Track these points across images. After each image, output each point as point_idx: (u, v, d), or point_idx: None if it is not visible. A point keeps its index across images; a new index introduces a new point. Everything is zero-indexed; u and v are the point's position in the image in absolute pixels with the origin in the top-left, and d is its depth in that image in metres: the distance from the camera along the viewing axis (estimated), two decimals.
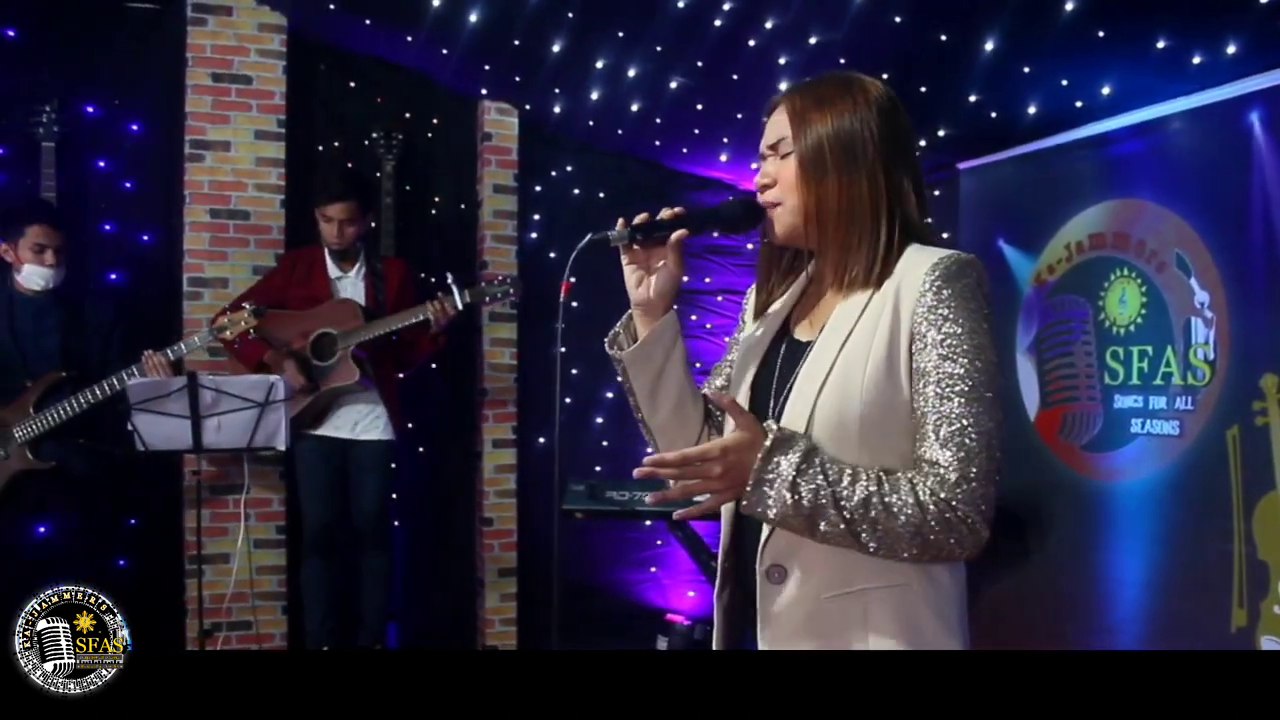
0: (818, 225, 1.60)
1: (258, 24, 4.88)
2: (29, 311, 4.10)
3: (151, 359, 4.03)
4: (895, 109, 1.63)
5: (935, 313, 1.49)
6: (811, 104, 1.61)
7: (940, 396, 1.48)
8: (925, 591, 1.55)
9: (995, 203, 4.79)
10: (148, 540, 4.78)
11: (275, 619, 4.80)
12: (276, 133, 4.91)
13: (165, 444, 3.92)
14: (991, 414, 1.48)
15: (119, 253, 4.84)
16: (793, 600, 1.57)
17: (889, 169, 1.58)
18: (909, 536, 1.46)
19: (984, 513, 1.47)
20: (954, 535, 1.46)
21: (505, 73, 4.94)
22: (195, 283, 4.78)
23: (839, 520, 1.46)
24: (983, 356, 1.49)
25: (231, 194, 4.84)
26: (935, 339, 1.49)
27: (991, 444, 1.48)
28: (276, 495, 4.81)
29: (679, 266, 1.69)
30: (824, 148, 1.58)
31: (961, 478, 1.45)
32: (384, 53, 5.10)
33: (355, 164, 5.07)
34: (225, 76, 4.83)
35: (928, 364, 1.49)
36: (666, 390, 1.72)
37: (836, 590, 1.55)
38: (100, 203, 4.82)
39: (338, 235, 4.43)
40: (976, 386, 1.48)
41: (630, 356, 1.70)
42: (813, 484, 1.46)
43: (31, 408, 3.99)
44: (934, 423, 1.48)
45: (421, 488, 5.27)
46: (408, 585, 5.23)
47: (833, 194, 1.58)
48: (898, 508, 1.45)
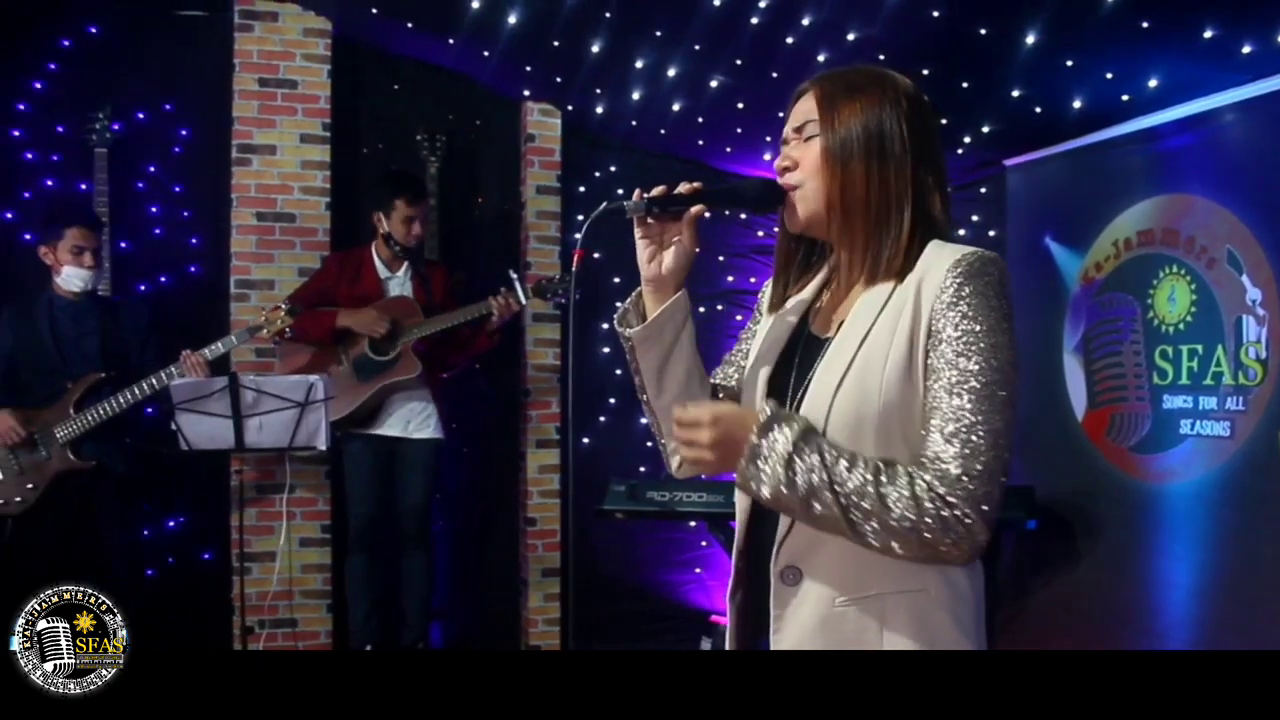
0: (841, 213, 1.56)
1: (303, 29, 4.94)
2: (69, 314, 4.19)
3: (190, 358, 4.09)
4: (924, 106, 1.59)
5: (954, 309, 1.45)
6: (842, 90, 1.57)
7: (950, 392, 1.44)
8: (943, 597, 1.51)
9: (1042, 199, 4.70)
10: (196, 538, 4.86)
11: (320, 616, 4.85)
12: (321, 136, 4.97)
13: (208, 443, 3.98)
14: (1002, 414, 1.43)
15: (169, 256, 4.94)
16: (806, 604, 1.54)
17: (915, 164, 1.55)
18: (903, 531, 1.41)
19: (984, 514, 1.42)
20: (950, 534, 1.41)
21: (546, 74, 4.95)
22: (242, 284, 4.85)
23: (833, 503, 1.42)
24: (998, 355, 1.44)
25: (277, 197, 4.91)
26: (951, 335, 1.45)
27: (999, 444, 1.43)
28: (321, 494, 4.86)
29: (693, 243, 1.65)
30: (852, 135, 1.54)
31: (963, 474, 1.40)
32: (427, 56, 5.13)
33: (399, 166, 5.11)
34: (271, 81, 4.90)
35: (941, 360, 1.46)
36: (674, 371, 1.68)
37: (851, 595, 1.52)
38: (151, 207, 4.91)
39: (408, 233, 4.51)
40: (989, 384, 1.43)
41: (639, 335, 1.67)
42: (808, 461, 1.43)
43: (72, 408, 4.07)
44: (941, 418, 1.44)
45: (466, 487, 5.30)
46: (452, 584, 5.26)
47: (857, 182, 1.54)
48: (893, 499, 1.41)
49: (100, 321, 4.23)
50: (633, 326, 1.69)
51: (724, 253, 5.66)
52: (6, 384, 4.17)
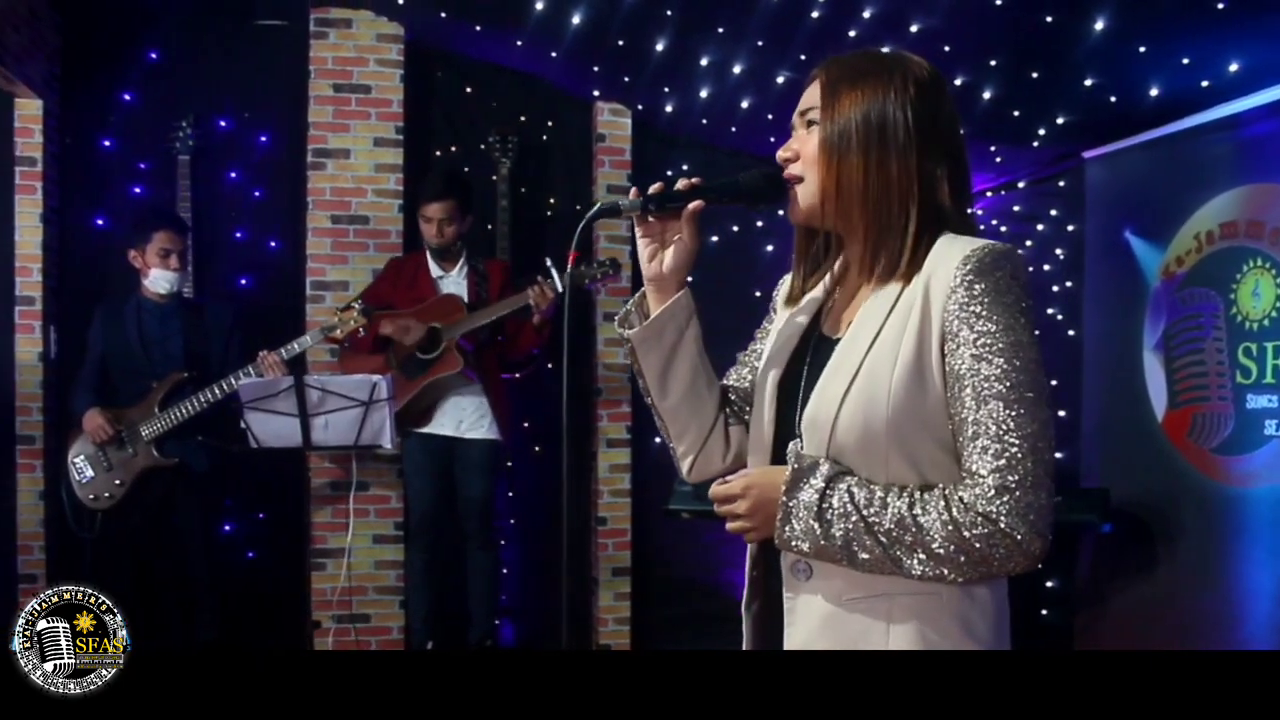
0: (836, 207, 1.50)
1: (376, 35, 5.03)
2: (155, 316, 4.34)
3: (267, 358, 4.19)
4: (936, 91, 1.51)
5: (967, 310, 1.39)
6: (845, 76, 1.51)
7: (977, 401, 1.37)
8: (955, 601, 1.44)
9: (1121, 192, 4.54)
10: (276, 534, 4.99)
11: (393, 612, 4.93)
12: (394, 139, 5.06)
13: (276, 441, 4.08)
14: (1034, 416, 1.37)
15: (249, 258, 5.09)
16: (816, 599, 1.50)
17: (921, 154, 1.47)
18: (951, 556, 1.37)
19: (1033, 523, 1.36)
20: (999, 550, 1.36)
21: (614, 73, 4.96)
22: (317, 286, 4.96)
23: (875, 546, 1.40)
24: (1020, 355, 1.37)
25: (351, 200, 5.01)
26: (968, 338, 1.39)
27: (1038, 448, 1.37)
28: (394, 492, 4.94)
29: (694, 240, 1.61)
30: (851, 124, 1.48)
31: (1002, 488, 1.35)
32: (498, 58, 5.18)
33: (470, 167, 5.17)
34: (345, 86, 5.00)
35: (962, 367, 1.39)
36: (678, 373, 1.65)
37: (860, 593, 1.47)
38: (232, 211, 5.06)
39: (437, 234, 4.53)
40: (1015, 387, 1.36)
41: (639, 336, 1.64)
42: (840, 509, 1.41)
43: (156, 407, 4.22)
44: (971, 431, 1.38)
45: (537, 486, 5.33)
46: (523, 583, 5.30)
47: (855, 174, 1.48)
48: (933, 526, 1.37)
49: (184, 323, 4.38)
50: (634, 327, 1.66)
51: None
52: (99, 384, 4.34)
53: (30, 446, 4.68)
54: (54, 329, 4.75)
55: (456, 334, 4.40)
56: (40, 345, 4.71)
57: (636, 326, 1.65)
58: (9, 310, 4.70)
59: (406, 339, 4.44)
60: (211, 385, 4.20)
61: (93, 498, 4.24)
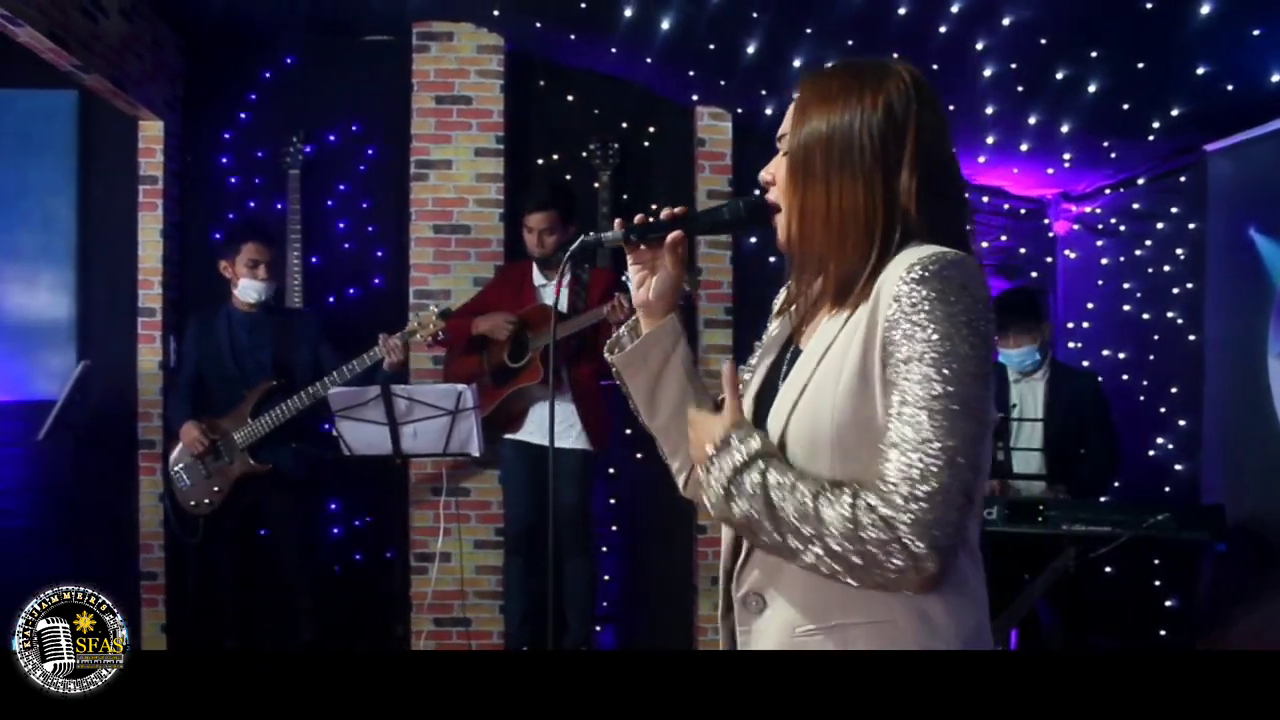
0: (800, 232, 1.48)
1: (477, 46, 5.11)
2: (245, 326, 4.50)
3: (388, 341, 4.28)
4: (915, 103, 1.44)
5: (907, 319, 1.34)
6: (814, 97, 1.47)
7: (901, 408, 1.33)
8: (913, 631, 1.39)
9: (1246, 187, 4.25)
10: (381, 538, 5.11)
11: (493, 617, 4.99)
12: (495, 149, 5.12)
13: (368, 449, 4.17)
14: (959, 430, 1.31)
15: (357, 268, 5.23)
16: (768, 632, 1.47)
17: (889, 173, 1.42)
18: (845, 555, 1.33)
19: (934, 539, 1.30)
20: (894, 559, 1.31)
21: (710, 77, 4.92)
22: (420, 294, 5.06)
23: (774, 531, 1.37)
24: (952, 366, 1.31)
25: (453, 209, 5.10)
26: (901, 345, 1.34)
27: (956, 463, 1.30)
28: (495, 498, 5.00)
29: (677, 269, 1.62)
30: (813, 148, 1.45)
31: (910, 497, 1.30)
32: (596, 65, 5.19)
33: (572, 176, 5.20)
34: (447, 98, 5.10)
35: (893, 374, 1.35)
36: (666, 395, 1.64)
37: (812, 624, 1.43)
38: (339, 223, 5.21)
39: (538, 244, 4.55)
40: (941, 398, 1.31)
41: (622, 360, 1.65)
42: (750, 491, 1.39)
43: (249, 415, 4.37)
44: (890, 437, 1.33)
45: (639, 494, 5.32)
46: (626, 589, 5.30)
47: (818, 199, 1.45)
48: (833, 521, 1.33)
49: (273, 331, 4.53)
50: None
51: None
52: (194, 394, 4.53)
53: (151, 451, 4.92)
54: (173, 339, 4.98)
55: (541, 344, 4.43)
56: (160, 354, 4.95)
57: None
58: (132, 321, 4.96)
59: (499, 335, 4.48)
60: (300, 392, 4.33)
61: (193, 504, 4.42)
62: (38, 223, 5.07)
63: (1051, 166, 4.90)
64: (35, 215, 5.07)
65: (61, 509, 4.81)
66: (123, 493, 4.93)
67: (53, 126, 5.08)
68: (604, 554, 5.15)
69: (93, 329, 5.08)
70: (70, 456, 4.59)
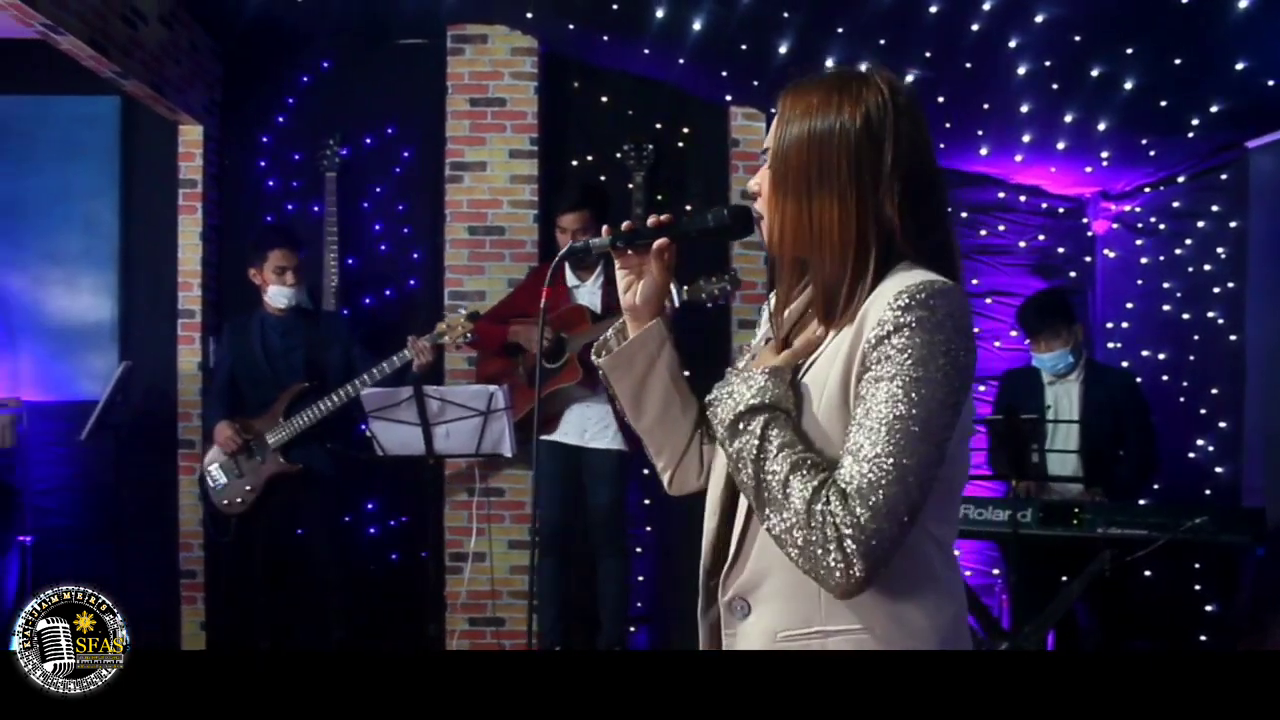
0: (781, 243, 1.52)
1: (511, 49, 5.14)
2: (277, 330, 4.56)
3: (417, 343, 4.33)
4: (889, 112, 1.44)
5: (885, 343, 1.37)
6: (798, 113, 1.47)
7: (864, 417, 1.37)
8: (890, 638, 1.43)
9: None
10: (415, 537, 5.15)
11: (526, 616, 5.01)
12: (529, 151, 5.15)
13: (401, 449, 4.20)
14: (914, 453, 1.35)
15: (392, 270, 5.27)
16: (751, 637, 1.51)
17: (869, 184, 1.43)
18: (792, 532, 1.37)
19: (871, 549, 1.34)
20: (830, 556, 1.34)
21: (742, 77, 4.91)
22: (455, 296, 5.10)
23: (750, 480, 1.42)
24: (921, 391, 1.35)
25: (488, 211, 5.13)
26: (877, 363, 1.37)
27: (906, 482, 1.34)
28: (528, 498, 5.02)
29: (663, 275, 1.65)
30: (792, 160, 1.46)
31: (861, 504, 1.34)
32: (630, 66, 5.20)
33: (607, 177, 5.20)
34: (481, 100, 5.13)
35: (864, 389, 1.39)
36: (651, 398, 1.67)
37: (793, 630, 1.47)
38: (375, 225, 5.26)
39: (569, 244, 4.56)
40: (905, 418, 1.35)
41: (608, 363, 1.68)
42: (752, 426, 1.42)
43: (281, 416, 4.43)
44: (849, 444, 1.38)
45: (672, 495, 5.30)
46: (660, 589, 5.30)
47: (797, 216, 1.47)
48: (793, 500, 1.37)
49: (305, 334, 4.58)
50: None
51: None
52: (229, 396, 4.59)
53: (190, 451, 5.00)
54: (213, 340, 5.05)
55: (579, 345, 4.44)
56: (200, 356, 5.03)
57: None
58: (172, 323, 5.04)
59: (530, 346, 4.51)
60: (331, 393, 4.37)
61: (226, 503, 4.48)
62: (80, 226, 5.17)
63: (1089, 165, 4.84)
64: (78, 219, 5.16)
65: (103, 508, 4.91)
66: (163, 492, 5.02)
67: (95, 132, 5.18)
68: (638, 555, 5.16)
69: (134, 331, 5.18)
70: (112, 456, 4.69)
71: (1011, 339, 5.21)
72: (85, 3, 3.97)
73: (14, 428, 4.71)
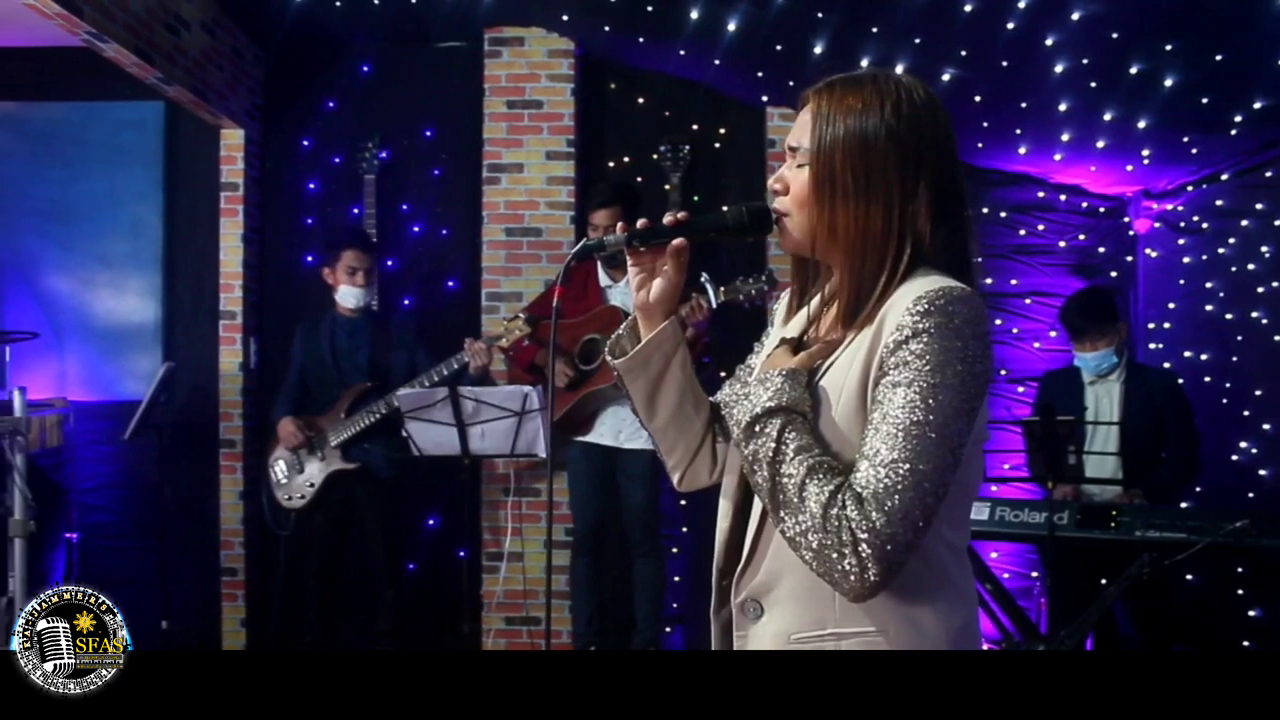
0: (826, 250, 1.52)
1: (548, 51, 5.16)
2: (346, 330, 4.62)
3: (474, 345, 4.36)
4: (926, 117, 1.47)
5: (903, 348, 1.38)
6: (836, 114, 1.48)
7: (880, 421, 1.38)
8: (905, 640, 1.44)
9: None
10: (455, 537, 5.19)
11: (563, 616, 5.01)
12: (566, 152, 5.17)
13: (437, 449, 4.24)
14: (931, 457, 1.36)
15: (430, 272, 5.32)
16: (763, 639, 1.52)
17: (907, 196, 1.46)
18: (806, 535, 1.38)
19: (886, 553, 1.34)
20: (845, 561, 1.35)
21: (778, 78, 4.89)
22: (492, 297, 5.13)
23: (766, 480, 1.42)
24: (938, 397, 1.36)
25: (524, 213, 5.16)
26: (892, 370, 1.39)
27: (921, 487, 1.35)
28: (564, 499, 5.03)
29: (678, 274, 1.63)
30: (840, 167, 1.47)
31: (877, 509, 1.34)
32: (666, 68, 5.21)
33: (643, 178, 5.21)
34: (518, 103, 5.16)
35: (880, 394, 1.40)
36: (664, 398, 1.67)
37: (807, 632, 1.48)
38: (414, 227, 5.31)
39: None
40: (922, 424, 1.36)
41: (625, 365, 1.67)
42: (769, 429, 1.42)
43: (343, 415, 4.51)
44: (865, 449, 1.39)
45: (711, 495, 5.30)
46: (695, 589, 5.29)
47: (844, 219, 1.47)
48: (811, 500, 1.37)
49: (371, 335, 4.64)
50: (626, 353, 1.68)
51: (982, 254, 5.34)
52: (297, 395, 4.68)
53: (232, 450, 5.08)
54: (254, 341, 5.14)
55: None
56: (241, 356, 5.11)
57: (627, 353, 1.68)
58: (213, 324, 5.12)
59: (559, 382, 4.52)
60: (389, 395, 4.43)
61: (287, 498, 4.57)
62: (127, 230, 5.26)
63: (1130, 163, 4.78)
64: (125, 223, 5.26)
65: (147, 506, 4.99)
66: (204, 490, 5.10)
67: (141, 137, 5.27)
68: (673, 555, 5.16)
69: (177, 332, 5.27)
70: (155, 455, 4.76)
71: (1051, 340, 5.16)
72: (129, 11, 4.05)
73: (61, 427, 4.78)
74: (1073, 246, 5.29)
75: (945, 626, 1.45)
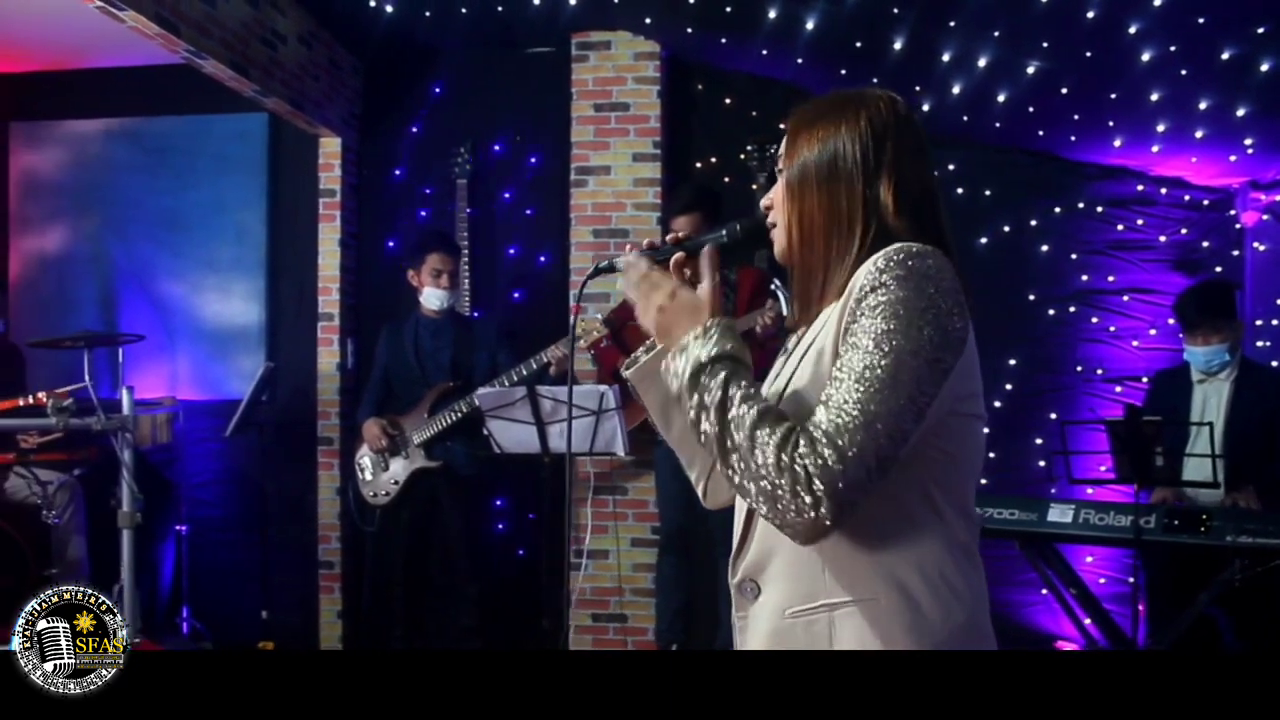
0: (800, 240, 1.58)
1: (634, 54, 5.21)
2: (430, 331, 4.75)
3: (554, 351, 4.46)
4: (890, 122, 1.56)
5: (863, 302, 1.42)
6: (805, 124, 1.60)
7: (838, 370, 1.40)
8: (898, 609, 1.45)
9: None
10: (542, 534, 5.27)
11: (648, 614, 5.06)
12: (653, 154, 5.21)
13: (517, 447, 4.32)
14: (883, 400, 1.36)
15: (521, 273, 5.43)
16: (761, 616, 1.55)
17: (869, 181, 1.53)
18: (758, 478, 1.37)
19: (838, 493, 1.34)
20: (797, 500, 1.34)
21: (861, 75, 4.84)
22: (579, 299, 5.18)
23: (714, 425, 1.42)
24: (894, 341, 1.39)
25: (611, 214, 5.22)
26: (856, 321, 1.42)
27: (875, 430, 1.35)
28: (651, 497, 5.08)
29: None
30: (808, 164, 1.57)
31: (829, 446, 1.34)
32: (751, 67, 5.20)
33: (730, 178, 5.23)
34: (605, 105, 5.22)
35: (842, 347, 1.43)
36: (678, 410, 1.66)
37: (799, 605, 1.50)
38: (505, 229, 5.42)
39: None
40: (872, 369, 1.38)
41: (635, 376, 1.72)
42: (713, 382, 1.43)
43: (426, 414, 4.63)
44: (824, 397, 1.40)
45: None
46: None
47: (812, 209, 1.56)
48: (762, 443, 1.37)
49: (455, 336, 4.76)
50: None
51: (1078, 250, 5.19)
52: (381, 396, 4.83)
53: (329, 447, 5.26)
54: (351, 342, 5.31)
55: None
56: (339, 357, 5.29)
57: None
58: (313, 325, 5.31)
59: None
60: (470, 394, 4.53)
61: (373, 495, 4.72)
62: (233, 236, 5.50)
63: (1233, 153, 4.59)
64: (230, 230, 5.50)
65: (250, 500, 5.21)
66: (303, 486, 5.29)
67: (246, 147, 5.51)
68: None
69: (279, 333, 5.48)
70: (257, 452, 4.96)
71: (1150, 338, 4.99)
72: (226, 28, 4.23)
73: (171, 425, 5.05)
74: (1174, 241, 5.10)
75: (940, 605, 1.45)
